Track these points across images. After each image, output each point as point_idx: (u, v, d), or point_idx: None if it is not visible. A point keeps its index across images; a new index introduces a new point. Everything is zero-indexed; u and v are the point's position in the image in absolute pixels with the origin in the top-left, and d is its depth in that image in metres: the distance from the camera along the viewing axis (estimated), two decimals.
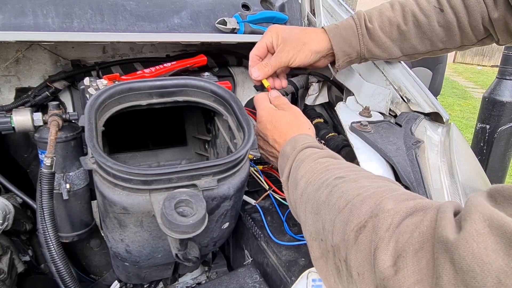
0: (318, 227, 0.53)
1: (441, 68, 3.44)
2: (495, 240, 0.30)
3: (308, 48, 0.85)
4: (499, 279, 0.29)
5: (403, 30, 0.86)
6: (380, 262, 0.39)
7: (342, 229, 0.47)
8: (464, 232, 0.32)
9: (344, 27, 0.87)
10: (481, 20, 0.81)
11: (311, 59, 0.87)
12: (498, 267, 0.29)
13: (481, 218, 0.32)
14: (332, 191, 0.53)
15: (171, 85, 0.76)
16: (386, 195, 0.46)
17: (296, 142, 0.69)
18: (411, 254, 0.37)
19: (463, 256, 0.31)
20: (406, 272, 0.36)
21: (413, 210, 0.41)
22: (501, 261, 0.29)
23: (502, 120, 2.49)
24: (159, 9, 0.99)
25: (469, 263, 0.31)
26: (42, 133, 0.84)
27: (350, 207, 0.48)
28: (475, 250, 0.31)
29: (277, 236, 0.84)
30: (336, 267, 0.49)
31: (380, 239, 0.41)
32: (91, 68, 1.03)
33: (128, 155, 1.01)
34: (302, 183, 0.60)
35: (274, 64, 0.86)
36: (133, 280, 0.94)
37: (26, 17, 0.84)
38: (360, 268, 0.43)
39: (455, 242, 0.32)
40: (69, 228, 0.94)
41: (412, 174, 0.76)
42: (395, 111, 1.02)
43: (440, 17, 0.84)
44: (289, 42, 0.85)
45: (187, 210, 0.57)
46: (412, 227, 0.39)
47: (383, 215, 0.42)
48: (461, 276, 0.31)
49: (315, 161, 0.62)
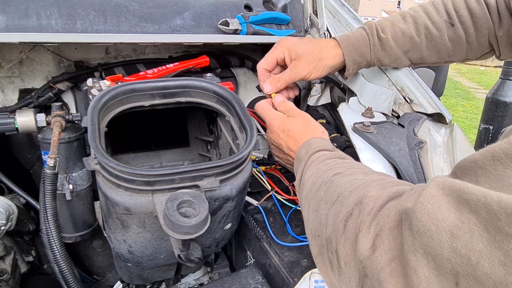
0: (316, 223, 0.54)
1: (444, 68, 3.42)
2: (447, 199, 0.33)
3: (324, 64, 0.86)
4: (452, 232, 0.31)
5: (416, 41, 0.87)
6: (360, 244, 0.40)
7: (333, 221, 0.48)
8: (420, 197, 0.35)
9: (356, 38, 0.88)
10: (487, 36, 0.84)
11: (325, 73, 0.89)
12: (450, 222, 0.31)
13: (436, 184, 0.34)
14: (329, 187, 0.54)
15: (174, 86, 0.77)
16: (373, 184, 0.47)
17: (309, 146, 0.70)
18: (387, 233, 0.38)
19: (419, 218, 0.33)
20: (383, 250, 0.37)
21: (396, 195, 0.42)
22: (453, 216, 0.31)
23: (506, 121, 2.48)
24: (162, 10, 0.99)
25: (425, 223, 0.33)
26: (45, 134, 0.85)
27: (341, 199, 0.49)
28: (429, 210, 0.33)
29: (279, 237, 0.84)
30: (330, 261, 0.50)
31: (362, 223, 0.42)
32: (94, 69, 1.03)
33: (130, 156, 1.01)
34: (308, 184, 0.61)
35: (287, 80, 0.86)
36: (136, 280, 0.94)
37: (29, 19, 0.84)
38: (347, 257, 0.44)
39: (412, 207, 0.35)
40: (72, 229, 0.95)
41: (415, 175, 0.76)
42: (397, 112, 1.01)
43: (450, 31, 0.86)
44: (305, 58, 0.85)
45: (189, 211, 0.57)
46: (391, 208, 0.40)
47: (366, 201, 0.44)
48: (418, 240, 0.33)
49: (322, 162, 0.63)
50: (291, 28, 1.17)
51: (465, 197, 0.31)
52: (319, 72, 0.87)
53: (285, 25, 1.16)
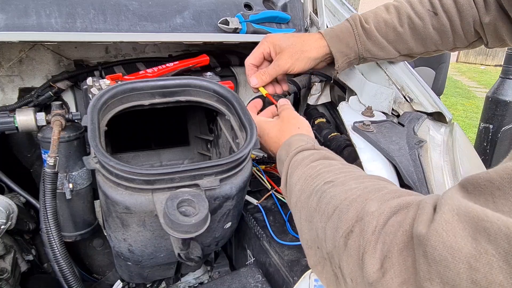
0: (313, 235, 0.53)
1: (444, 67, 3.42)
2: (462, 226, 0.31)
3: (307, 55, 0.87)
4: (469, 264, 0.30)
5: (399, 31, 0.87)
6: (368, 266, 0.39)
7: (333, 236, 0.47)
8: (434, 223, 0.33)
9: (340, 29, 0.89)
10: (472, 24, 0.84)
11: (310, 66, 0.88)
12: (467, 252, 0.30)
13: (450, 208, 0.33)
14: (321, 197, 0.53)
15: (174, 85, 0.76)
16: (371, 197, 0.46)
17: (289, 146, 0.68)
18: (396, 254, 0.37)
19: (434, 247, 0.32)
20: (393, 273, 0.36)
21: (397, 209, 0.41)
22: (470, 246, 0.30)
23: (506, 120, 2.48)
24: (162, 9, 0.99)
25: (440, 252, 0.31)
26: (45, 133, 0.85)
27: (338, 213, 0.47)
28: (444, 238, 0.31)
29: (279, 236, 0.84)
30: (334, 274, 0.49)
31: (367, 243, 0.40)
32: (94, 68, 1.03)
33: (130, 155, 1.01)
34: (296, 191, 0.60)
35: (271, 73, 0.87)
36: (136, 279, 0.94)
37: (29, 18, 0.84)
38: (352, 274, 0.42)
39: (426, 234, 0.33)
40: (72, 228, 0.95)
41: (415, 174, 0.76)
42: (397, 111, 1.01)
43: (434, 20, 0.86)
44: (287, 50, 0.86)
45: (189, 209, 0.57)
46: (396, 226, 0.39)
47: (367, 218, 0.42)
48: (434, 268, 0.32)
49: (307, 166, 0.61)
50: (291, 27, 1.17)
51: (484, 225, 0.30)
52: (303, 64, 0.87)
53: (285, 24, 1.16)
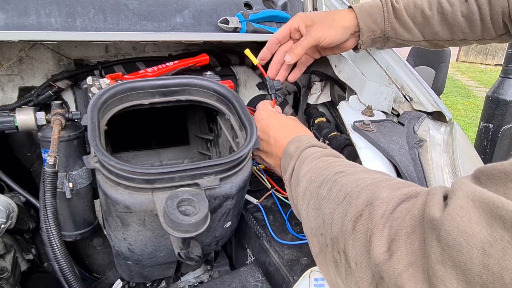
0: (319, 222, 0.54)
1: (444, 67, 3.42)
2: (478, 212, 0.31)
3: (338, 24, 0.87)
4: (483, 249, 0.30)
5: (427, 14, 0.87)
6: (375, 248, 0.40)
7: (341, 220, 0.48)
8: (448, 208, 0.33)
9: (370, 5, 0.89)
10: (501, 14, 0.82)
11: (342, 36, 0.88)
12: (482, 238, 0.30)
13: (465, 194, 0.33)
14: (333, 186, 0.54)
15: (174, 84, 0.76)
16: (382, 184, 0.47)
17: (300, 141, 0.69)
18: (404, 237, 0.37)
19: (448, 231, 0.32)
20: (400, 255, 0.37)
21: (407, 197, 0.42)
22: (485, 232, 0.30)
23: (506, 119, 2.48)
24: (162, 8, 0.99)
25: (454, 237, 0.32)
26: (45, 132, 0.84)
27: (348, 199, 0.49)
28: (459, 224, 0.32)
29: (279, 235, 0.84)
30: (334, 260, 0.49)
31: (375, 225, 0.41)
32: (94, 68, 1.03)
33: (130, 154, 1.01)
34: (304, 181, 0.61)
35: (304, 44, 0.86)
36: (136, 278, 0.94)
37: (29, 17, 0.84)
38: (358, 257, 0.43)
39: (440, 219, 0.33)
40: (72, 227, 0.95)
41: (414, 173, 0.76)
42: (397, 110, 1.01)
43: (464, 7, 0.85)
44: (318, 21, 0.86)
45: (189, 209, 0.57)
46: (405, 212, 0.40)
47: (377, 202, 0.43)
48: (447, 252, 0.32)
49: (318, 159, 0.62)
50: None
51: (500, 212, 0.30)
52: (334, 32, 0.86)
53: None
